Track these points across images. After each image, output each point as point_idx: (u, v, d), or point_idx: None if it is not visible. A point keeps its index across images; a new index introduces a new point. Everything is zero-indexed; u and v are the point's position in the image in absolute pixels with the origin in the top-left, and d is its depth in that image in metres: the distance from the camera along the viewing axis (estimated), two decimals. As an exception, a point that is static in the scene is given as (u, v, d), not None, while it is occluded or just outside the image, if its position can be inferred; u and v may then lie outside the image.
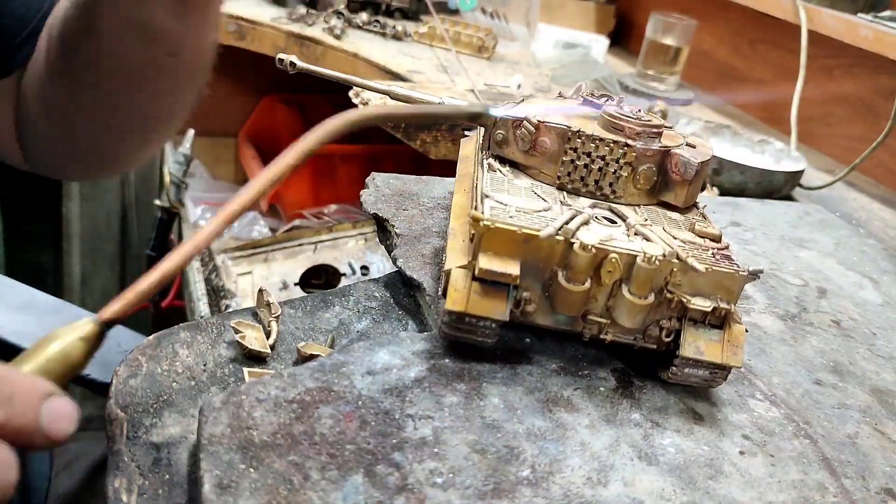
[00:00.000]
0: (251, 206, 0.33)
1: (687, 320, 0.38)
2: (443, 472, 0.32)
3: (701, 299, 0.37)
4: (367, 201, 0.52)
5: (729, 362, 0.38)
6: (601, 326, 0.39)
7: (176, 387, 0.38)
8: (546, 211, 0.39)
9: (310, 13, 1.17)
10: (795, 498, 0.35)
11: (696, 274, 0.37)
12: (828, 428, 0.41)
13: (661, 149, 0.42)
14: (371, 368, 0.37)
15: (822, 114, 1.11)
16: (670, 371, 0.39)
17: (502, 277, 0.36)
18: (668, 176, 0.43)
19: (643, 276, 0.36)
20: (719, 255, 0.38)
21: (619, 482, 0.33)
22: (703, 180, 0.44)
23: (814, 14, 1.01)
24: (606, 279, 0.37)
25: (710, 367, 0.38)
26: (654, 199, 0.44)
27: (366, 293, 0.47)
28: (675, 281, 0.37)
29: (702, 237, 0.40)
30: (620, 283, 0.37)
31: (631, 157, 0.42)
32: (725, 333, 0.38)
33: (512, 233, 0.36)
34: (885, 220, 0.86)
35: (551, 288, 0.37)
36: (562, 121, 0.43)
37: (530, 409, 0.36)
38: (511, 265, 0.36)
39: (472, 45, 1.18)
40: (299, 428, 0.32)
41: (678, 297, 0.37)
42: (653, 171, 0.42)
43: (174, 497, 0.32)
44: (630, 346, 0.39)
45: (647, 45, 1.18)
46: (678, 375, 0.39)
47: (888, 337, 0.53)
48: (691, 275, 0.37)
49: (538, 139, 0.43)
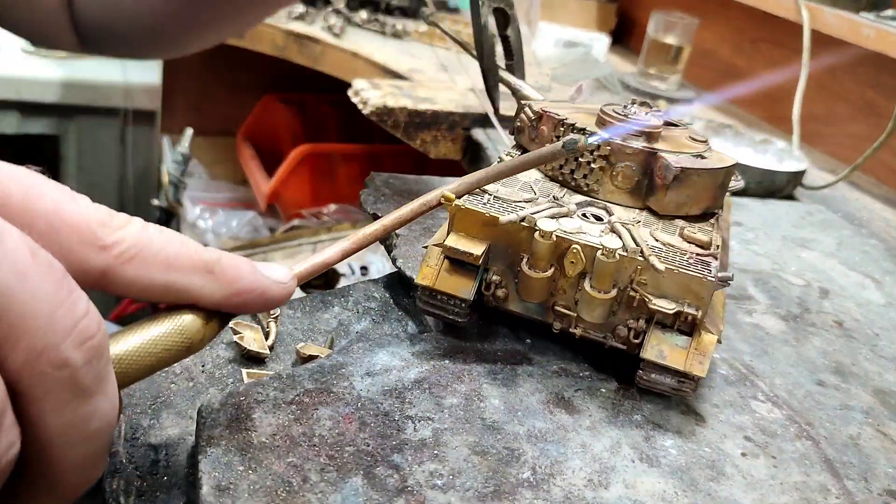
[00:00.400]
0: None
1: (654, 323, 0.37)
2: (443, 473, 0.31)
3: (665, 301, 0.36)
4: (366, 201, 0.52)
5: (692, 370, 0.36)
6: (570, 320, 0.39)
7: (174, 388, 0.37)
8: (528, 202, 0.40)
9: (309, 11, 1.16)
10: (797, 500, 0.34)
11: (660, 274, 0.36)
12: (830, 429, 0.40)
13: (643, 148, 0.41)
14: (370, 369, 0.37)
15: (824, 113, 1.10)
16: (637, 374, 0.38)
17: (465, 256, 0.38)
18: (654, 179, 0.41)
19: (603, 270, 0.36)
20: (695, 259, 0.37)
21: (620, 484, 0.33)
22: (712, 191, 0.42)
23: (816, 13, 1.01)
24: (570, 270, 0.37)
25: (675, 374, 0.37)
26: (640, 202, 0.42)
27: (365, 294, 0.47)
28: (639, 279, 0.37)
29: (689, 242, 0.39)
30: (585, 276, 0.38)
31: (605, 150, 0.41)
32: (694, 341, 0.37)
33: (480, 215, 0.38)
34: (888, 220, 0.86)
35: (518, 274, 0.39)
36: (561, 111, 0.44)
37: (531, 410, 0.36)
38: (477, 246, 0.38)
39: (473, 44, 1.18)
40: (298, 429, 0.32)
41: (641, 295, 0.37)
42: (632, 170, 0.41)
43: (172, 499, 0.32)
44: (601, 343, 0.39)
45: (648, 43, 1.18)
46: (645, 380, 0.38)
47: (891, 337, 0.52)
48: (656, 275, 0.36)
49: (539, 127, 0.44)
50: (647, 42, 1.18)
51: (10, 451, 0.21)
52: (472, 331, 0.41)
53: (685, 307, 0.36)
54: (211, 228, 1.27)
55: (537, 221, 0.37)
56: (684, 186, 0.41)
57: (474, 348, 0.40)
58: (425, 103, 0.80)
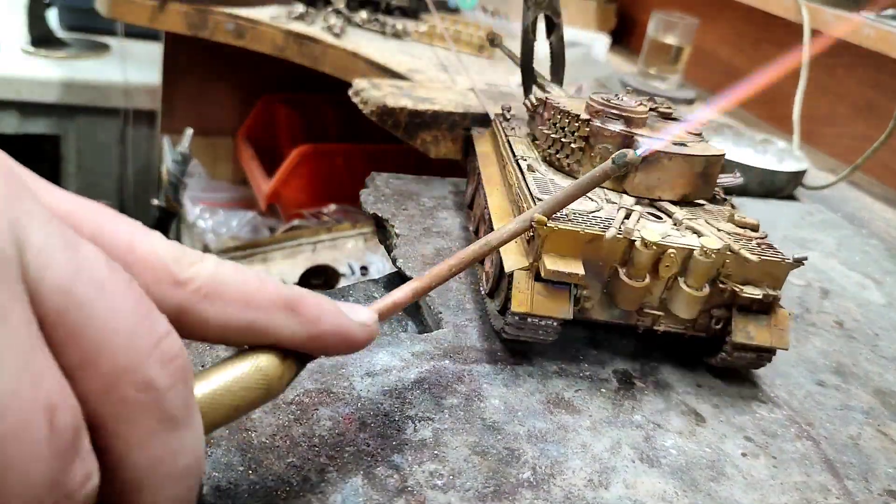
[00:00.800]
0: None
1: (736, 308, 0.39)
2: (443, 474, 0.31)
3: (751, 288, 0.39)
4: (366, 201, 0.52)
5: (777, 345, 0.40)
6: (655, 318, 0.40)
7: (174, 388, 0.37)
8: (598, 211, 0.40)
9: (309, 12, 1.16)
10: (798, 500, 0.34)
11: (748, 264, 0.38)
12: (830, 429, 0.40)
13: (621, 131, 0.43)
14: (370, 370, 0.37)
15: (824, 113, 1.10)
16: (719, 357, 0.41)
17: (569, 278, 0.37)
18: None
19: (700, 269, 0.38)
20: (764, 245, 0.40)
21: (620, 484, 0.33)
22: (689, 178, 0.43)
23: (816, 13, 1.01)
24: (664, 273, 0.38)
25: (759, 350, 0.40)
26: (618, 184, 0.44)
27: (365, 294, 0.47)
28: (726, 272, 0.39)
29: (742, 227, 0.42)
30: (676, 276, 0.38)
31: (584, 132, 0.43)
32: (773, 319, 0.40)
33: (576, 234, 0.37)
34: (888, 220, 0.85)
35: (612, 284, 0.39)
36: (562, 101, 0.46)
37: (531, 410, 0.36)
38: (575, 265, 0.37)
39: (473, 44, 1.18)
40: (298, 430, 0.32)
41: (731, 286, 0.39)
42: (609, 151, 0.43)
43: (172, 499, 0.32)
44: (681, 335, 0.41)
45: (648, 43, 1.18)
46: (727, 360, 0.40)
47: (891, 338, 0.52)
48: (741, 265, 0.38)
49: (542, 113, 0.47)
50: (647, 42, 1.18)
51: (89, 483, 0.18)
52: (473, 331, 0.41)
53: (767, 290, 0.39)
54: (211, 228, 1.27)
55: (640, 233, 0.38)
56: (654, 169, 0.43)
57: (474, 348, 0.40)
58: (425, 103, 0.80)
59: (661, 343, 0.44)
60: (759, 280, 0.39)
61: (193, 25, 1.11)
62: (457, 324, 0.41)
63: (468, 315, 0.42)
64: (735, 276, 0.39)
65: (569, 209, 0.39)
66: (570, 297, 0.38)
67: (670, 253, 0.37)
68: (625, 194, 0.44)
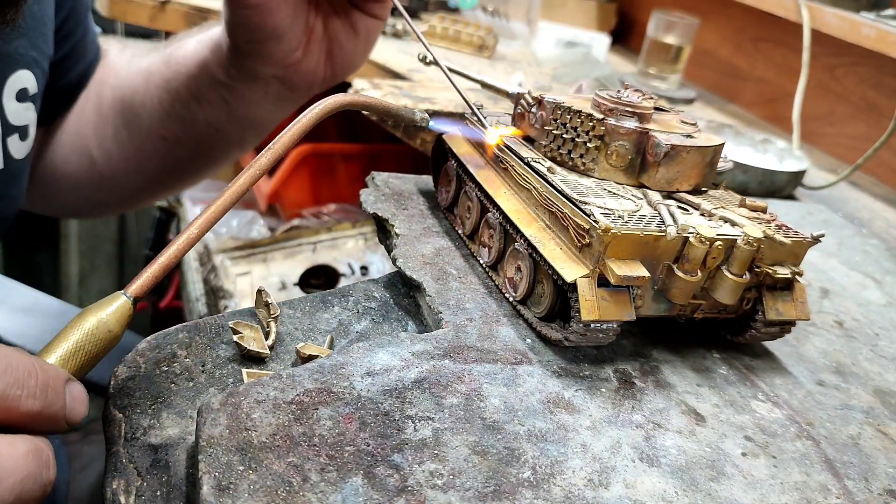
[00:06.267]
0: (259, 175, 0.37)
1: (765, 288, 0.42)
2: (443, 473, 0.31)
3: (781, 268, 0.41)
4: (366, 201, 0.52)
5: (801, 317, 0.43)
6: (695, 307, 0.42)
7: (174, 388, 0.37)
8: (638, 210, 0.41)
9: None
10: (798, 499, 0.34)
11: (781, 247, 0.40)
12: (830, 429, 0.40)
13: (636, 128, 0.44)
14: (370, 369, 0.36)
15: (824, 113, 1.10)
16: (748, 334, 0.44)
17: (637, 281, 0.38)
18: (646, 157, 0.44)
19: (743, 257, 0.39)
20: (783, 227, 0.43)
21: (620, 484, 0.33)
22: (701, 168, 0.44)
23: (816, 12, 1.01)
24: (711, 264, 0.40)
25: (783, 323, 0.43)
26: (635, 179, 0.45)
27: (365, 293, 0.47)
28: (759, 256, 0.41)
29: (755, 210, 0.44)
30: (718, 265, 0.40)
31: (600, 130, 0.44)
32: (794, 293, 0.43)
33: (637, 237, 0.38)
34: (888, 220, 0.85)
35: (665, 280, 0.40)
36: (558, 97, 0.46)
37: (531, 410, 0.36)
38: (638, 267, 0.38)
39: (473, 43, 1.18)
40: (298, 429, 0.32)
41: (765, 269, 0.41)
42: (626, 148, 0.44)
43: (172, 499, 0.32)
44: (714, 318, 0.43)
45: (648, 43, 1.18)
46: (757, 336, 0.44)
47: (891, 337, 0.52)
48: (772, 248, 0.41)
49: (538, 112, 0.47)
50: (648, 42, 1.18)
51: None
52: (473, 331, 0.41)
53: (792, 268, 0.41)
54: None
55: (696, 229, 0.39)
56: (674, 163, 0.44)
57: (474, 348, 0.40)
58: (425, 103, 0.80)
59: (661, 341, 0.44)
60: (784, 260, 0.41)
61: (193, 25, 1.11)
62: (457, 324, 0.41)
63: (468, 315, 0.42)
64: (766, 259, 0.41)
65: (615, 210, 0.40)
66: (632, 298, 0.39)
67: (717, 245, 0.39)
68: (644, 188, 0.44)
